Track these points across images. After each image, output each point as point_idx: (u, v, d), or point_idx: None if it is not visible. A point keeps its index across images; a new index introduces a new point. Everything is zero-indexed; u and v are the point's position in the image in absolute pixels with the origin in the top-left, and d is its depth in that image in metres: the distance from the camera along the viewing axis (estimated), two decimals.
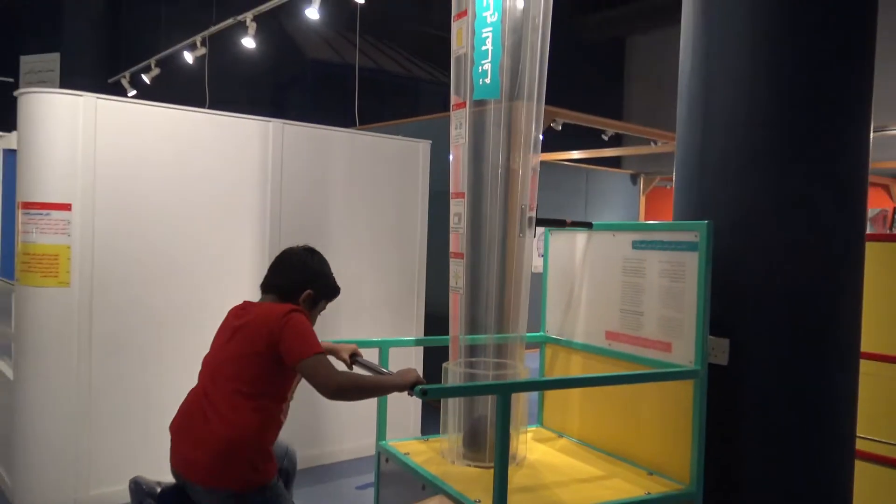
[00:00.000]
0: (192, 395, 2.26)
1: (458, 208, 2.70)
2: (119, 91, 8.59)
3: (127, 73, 8.94)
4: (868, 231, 2.54)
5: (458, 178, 2.70)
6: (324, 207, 4.71)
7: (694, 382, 2.35)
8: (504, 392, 2.03)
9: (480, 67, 2.66)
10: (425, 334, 5.12)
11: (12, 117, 3.92)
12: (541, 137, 2.70)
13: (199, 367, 2.38)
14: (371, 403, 2.68)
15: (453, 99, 2.75)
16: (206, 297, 4.17)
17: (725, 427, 2.44)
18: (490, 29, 2.62)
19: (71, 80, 8.75)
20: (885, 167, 9.41)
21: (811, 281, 2.42)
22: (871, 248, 2.59)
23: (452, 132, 2.75)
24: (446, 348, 2.74)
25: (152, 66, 8.34)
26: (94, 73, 9.34)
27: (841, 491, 2.49)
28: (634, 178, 10.86)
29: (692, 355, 2.37)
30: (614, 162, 11.65)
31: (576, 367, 2.92)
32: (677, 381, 2.42)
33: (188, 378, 2.51)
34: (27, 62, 9.46)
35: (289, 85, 10.47)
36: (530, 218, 2.64)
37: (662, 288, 2.53)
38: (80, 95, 3.81)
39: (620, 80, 13.27)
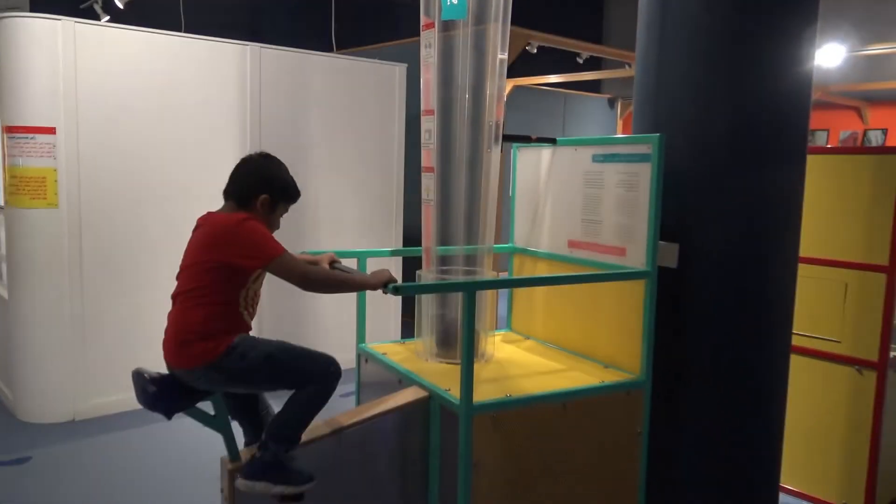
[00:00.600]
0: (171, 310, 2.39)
1: (428, 125, 2.85)
2: (92, 17, 8.46)
3: None
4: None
5: (428, 96, 2.84)
6: (303, 129, 4.83)
7: (645, 283, 2.56)
8: (469, 289, 2.24)
9: None
10: None
11: None
12: (506, 57, 2.83)
13: None
14: (354, 315, 2.89)
15: (423, 19, 2.86)
16: (190, 213, 4.33)
17: (675, 324, 2.67)
18: None
19: (41, 7, 8.60)
20: (857, 89, 9.50)
21: (756, 191, 2.62)
22: (811, 161, 2.79)
23: (422, 52, 2.87)
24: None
25: None
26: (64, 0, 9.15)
27: (777, 380, 2.76)
28: (612, 103, 10.95)
29: (643, 258, 2.58)
30: (594, 86, 11.67)
31: (541, 273, 3.14)
32: (631, 283, 2.63)
33: None
34: None
35: (265, 10, 10.33)
36: (497, 133, 2.80)
37: (619, 197, 2.71)
38: (59, 20, 3.86)
39: (601, 2, 13.17)
